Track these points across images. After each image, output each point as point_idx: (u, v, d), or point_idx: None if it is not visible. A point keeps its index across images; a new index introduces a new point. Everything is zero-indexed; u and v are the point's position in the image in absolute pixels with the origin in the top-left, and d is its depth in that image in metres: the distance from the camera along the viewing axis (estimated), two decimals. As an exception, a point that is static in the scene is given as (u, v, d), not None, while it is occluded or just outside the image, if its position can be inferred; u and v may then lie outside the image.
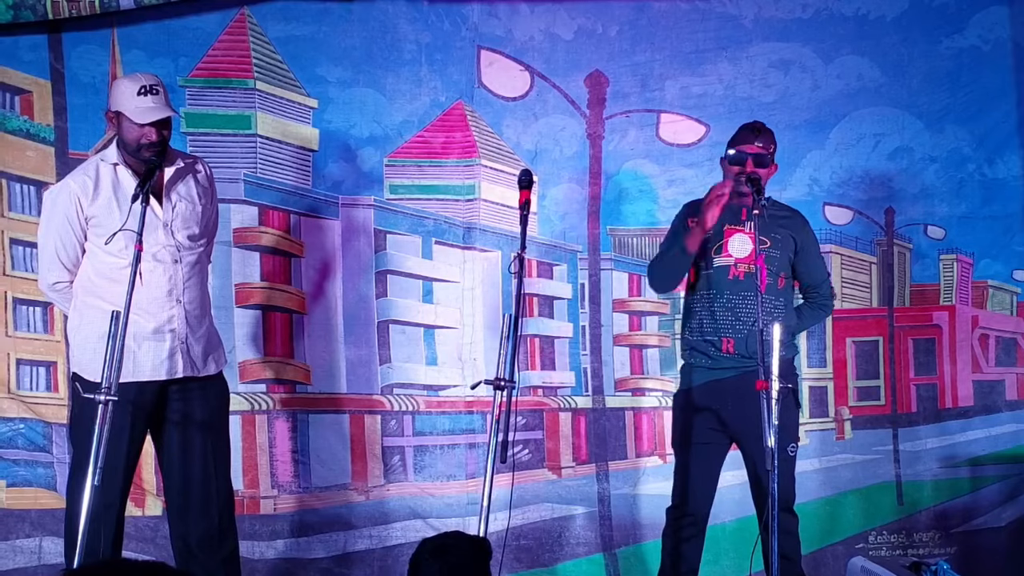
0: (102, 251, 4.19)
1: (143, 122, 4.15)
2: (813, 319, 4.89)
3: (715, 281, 4.58)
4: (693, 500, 4.62)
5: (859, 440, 5.69)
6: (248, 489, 5.26)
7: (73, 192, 4.22)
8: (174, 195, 4.29)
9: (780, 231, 4.62)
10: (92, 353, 4.16)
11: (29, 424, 5.06)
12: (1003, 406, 5.77)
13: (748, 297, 4.52)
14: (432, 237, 5.52)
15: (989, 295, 5.77)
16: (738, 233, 4.57)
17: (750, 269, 4.48)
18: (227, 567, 4.39)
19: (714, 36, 5.52)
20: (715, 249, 4.60)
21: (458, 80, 5.49)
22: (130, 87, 4.20)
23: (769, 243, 4.57)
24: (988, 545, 5.57)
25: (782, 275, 4.63)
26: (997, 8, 5.55)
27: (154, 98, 4.18)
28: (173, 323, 4.25)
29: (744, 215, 4.56)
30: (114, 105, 4.23)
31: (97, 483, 3.83)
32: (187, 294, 4.29)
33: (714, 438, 4.61)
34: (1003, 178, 5.67)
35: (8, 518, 5.06)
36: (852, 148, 5.60)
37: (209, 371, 4.37)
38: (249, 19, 5.32)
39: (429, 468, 5.47)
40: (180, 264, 4.27)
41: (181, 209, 4.30)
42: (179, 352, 4.26)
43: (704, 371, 4.63)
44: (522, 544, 5.43)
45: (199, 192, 4.38)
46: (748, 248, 4.51)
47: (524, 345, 5.49)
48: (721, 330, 4.57)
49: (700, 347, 4.64)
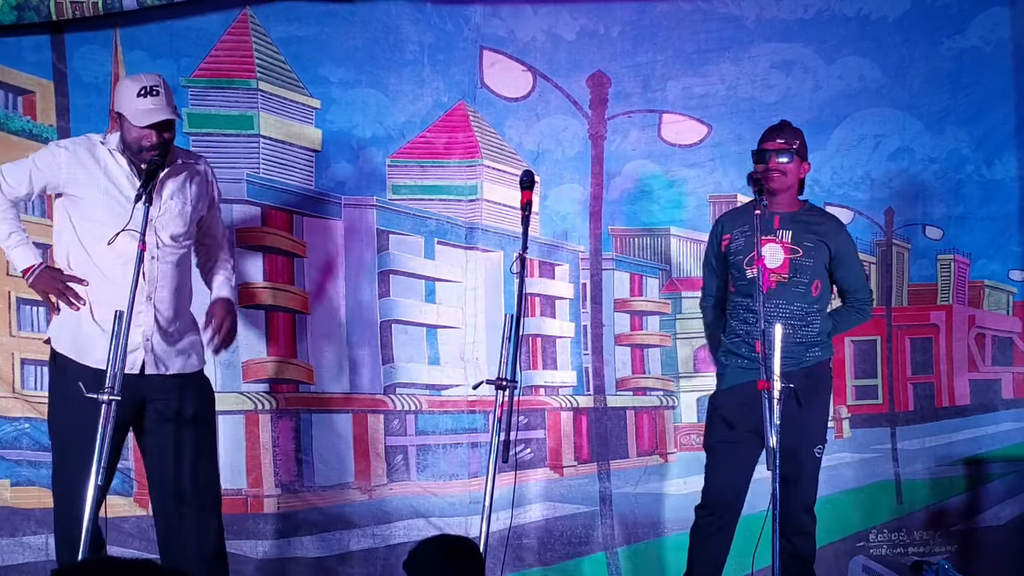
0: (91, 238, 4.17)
1: (142, 124, 4.13)
2: (850, 323, 4.89)
3: (749, 291, 4.60)
4: (721, 499, 4.65)
5: (858, 439, 5.71)
6: (251, 488, 5.26)
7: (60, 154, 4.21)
8: (165, 193, 4.24)
9: (812, 238, 4.64)
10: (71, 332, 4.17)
11: (34, 423, 5.05)
12: (999, 405, 5.79)
13: (780, 305, 4.58)
14: (434, 237, 5.53)
15: (986, 295, 5.79)
16: (769, 243, 4.58)
17: (782, 279, 4.57)
18: (215, 564, 4.34)
19: (716, 37, 5.54)
20: (747, 261, 4.63)
21: (460, 80, 5.49)
22: (131, 88, 4.17)
23: (801, 252, 4.61)
24: (988, 543, 5.60)
25: (816, 282, 4.65)
26: (998, 9, 5.57)
27: (154, 99, 4.15)
28: (140, 320, 4.14)
29: (777, 223, 4.60)
30: (116, 106, 4.22)
31: (101, 482, 3.81)
32: (159, 292, 4.23)
33: (744, 437, 4.61)
34: (1001, 179, 5.70)
35: (14, 516, 5.06)
36: (853, 149, 5.62)
37: (177, 370, 4.28)
38: (252, 20, 5.32)
39: (432, 467, 5.48)
40: (157, 261, 4.21)
41: (169, 207, 4.25)
42: (142, 349, 4.18)
43: (738, 372, 4.65)
44: (524, 543, 5.43)
45: (194, 192, 4.34)
46: (781, 258, 4.57)
47: (526, 345, 5.50)
48: (754, 333, 4.57)
49: (734, 348, 4.68)
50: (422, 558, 3.47)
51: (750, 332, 4.59)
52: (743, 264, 4.64)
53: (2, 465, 5.07)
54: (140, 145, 4.15)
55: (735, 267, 4.68)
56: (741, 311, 4.67)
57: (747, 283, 4.61)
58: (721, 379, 4.77)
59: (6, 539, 5.04)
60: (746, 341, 4.63)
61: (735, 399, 4.63)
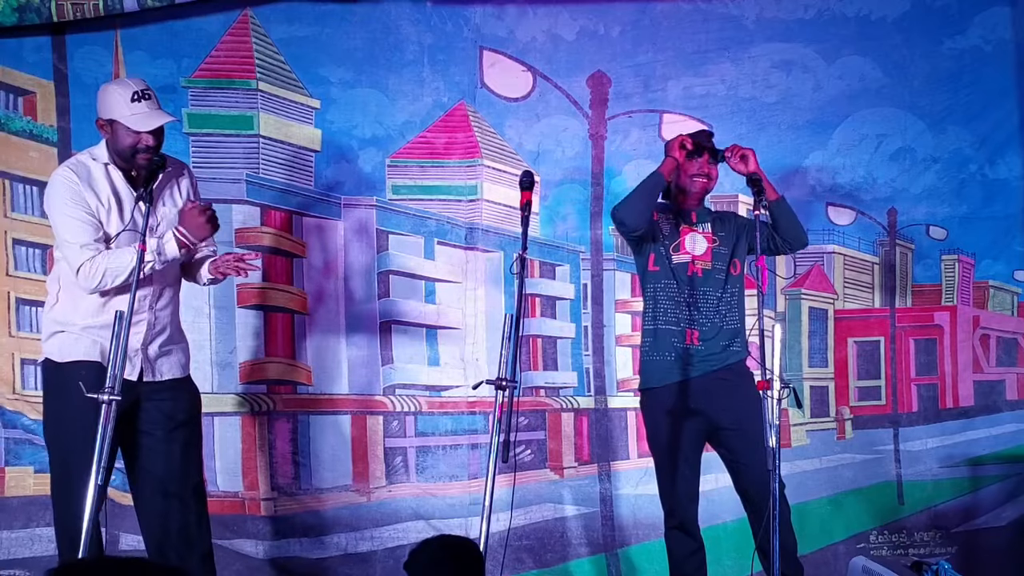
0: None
1: (143, 129, 4.11)
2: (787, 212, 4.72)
3: (673, 276, 4.65)
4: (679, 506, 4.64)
5: (860, 440, 5.70)
6: (248, 491, 5.25)
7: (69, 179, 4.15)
8: (160, 200, 4.25)
9: (724, 227, 4.73)
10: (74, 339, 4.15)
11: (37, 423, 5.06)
12: (1004, 406, 5.78)
13: (708, 293, 4.64)
14: (434, 237, 5.53)
15: (990, 295, 5.78)
16: (692, 232, 4.66)
17: (707, 266, 4.64)
18: (204, 565, 4.34)
19: (716, 37, 5.53)
20: (673, 247, 4.66)
21: (460, 81, 5.49)
22: (123, 94, 4.13)
23: (719, 241, 4.69)
24: (989, 545, 5.58)
25: (735, 261, 4.70)
26: (999, 9, 5.56)
27: (148, 103, 4.14)
28: (140, 327, 4.17)
29: (694, 218, 4.70)
30: (106, 113, 4.16)
31: (101, 482, 3.82)
32: (160, 301, 4.25)
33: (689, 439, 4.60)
34: (1004, 178, 5.68)
35: (31, 506, 5.08)
36: (854, 149, 5.61)
37: (166, 375, 4.28)
38: (252, 20, 5.33)
39: (431, 469, 5.47)
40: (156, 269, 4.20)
41: (165, 213, 4.27)
42: (138, 355, 4.19)
43: (673, 369, 4.61)
44: (524, 544, 5.43)
45: (184, 199, 4.33)
46: (704, 246, 4.65)
47: (526, 345, 5.49)
48: (682, 322, 4.61)
49: (665, 342, 4.63)
50: (423, 558, 3.47)
51: (680, 321, 4.61)
52: (669, 249, 4.66)
53: (28, 450, 5.09)
54: (135, 150, 4.13)
55: (660, 249, 4.65)
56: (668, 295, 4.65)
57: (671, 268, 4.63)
58: (651, 376, 4.67)
59: (18, 531, 5.07)
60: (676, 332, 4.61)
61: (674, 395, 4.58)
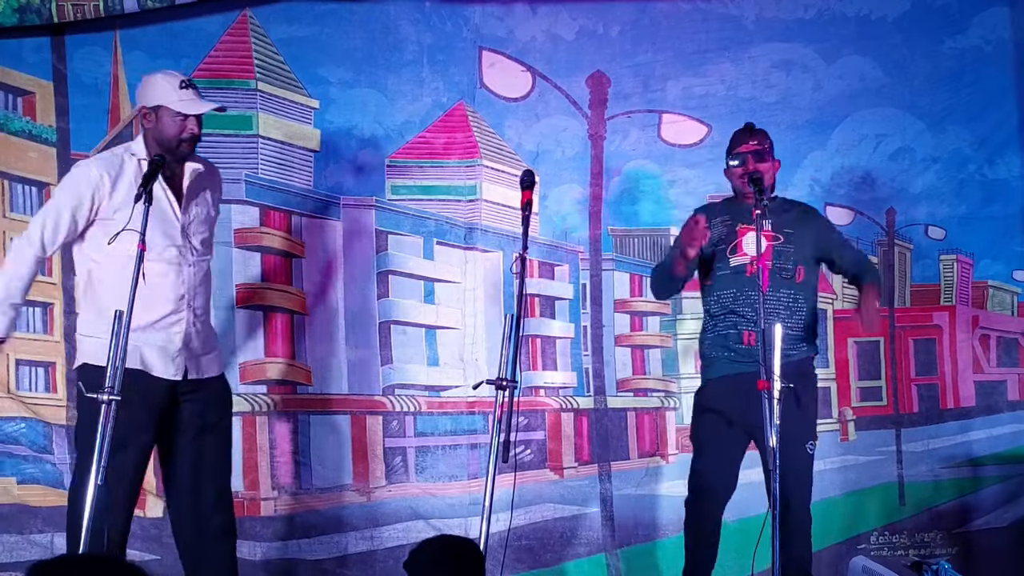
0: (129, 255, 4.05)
1: (193, 112, 4.15)
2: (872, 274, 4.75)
3: (733, 280, 4.61)
4: (713, 487, 4.62)
5: (862, 441, 5.69)
6: (248, 491, 5.25)
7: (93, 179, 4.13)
8: (193, 199, 4.28)
9: (791, 224, 4.66)
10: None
11: (30, 423, 5.06)
12: (1004, 406, 5.77)
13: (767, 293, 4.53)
14: (434, 238, 5.52)
15: (989, 295, 5.77)
16: (751, 232, 4.57)
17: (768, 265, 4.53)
18: (232, 560, 4.39)
19: (716, 37, 5.53)
20: (730, 249, 4.64)
21: (460, 81, 5.49)
22: (171, 81, 4.19)
23: (783, 239, 4.63)
24: (990, 545, 5.57)
25: (800, 267, 4.65)
26: (999, 9, 5.57)
27: (194, 91, 4.21)
28: (181, 326, 4.22)
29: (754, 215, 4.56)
30: (151, 100, 4.19)
31: (101, 482, 3.81)
32: (198, 299, 4.29)
33: (733, 430, 4.59)
34: (1004, 178, 5.69)
35: (21, 513, 5.07)
36: (854, 148, 5.61)
37: (211, 372, 4.36)
38: (251, 20, 5.33)
39: (431, 469, 5.47)
40: (193, 268, 4.26)
41: (197, 212, 4.30)
42: (183, 355, 4.24)
43: (726, 363, 4.64)
44: (524, 544, 5.42)
45: (214, 199, 4.39)
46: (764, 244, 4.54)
47: (526, 345, 5.48)
48: (740, 324, 4.59)
49: (721, 341, 4.66)
50: (423, 558, 3.46)
51: (738, 323, 4.60)
52: (726, 253, 4.64)
53: (8, 462, 5.08)
54: (181, 137, 4.16)
55: (716, 256, 4.66)
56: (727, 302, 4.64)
57: (730, 272, 4.61)
58: (708, 370, 4.74)
59: (14, 536, 5.06)
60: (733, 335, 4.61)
61: (724, 388, 4.62)
